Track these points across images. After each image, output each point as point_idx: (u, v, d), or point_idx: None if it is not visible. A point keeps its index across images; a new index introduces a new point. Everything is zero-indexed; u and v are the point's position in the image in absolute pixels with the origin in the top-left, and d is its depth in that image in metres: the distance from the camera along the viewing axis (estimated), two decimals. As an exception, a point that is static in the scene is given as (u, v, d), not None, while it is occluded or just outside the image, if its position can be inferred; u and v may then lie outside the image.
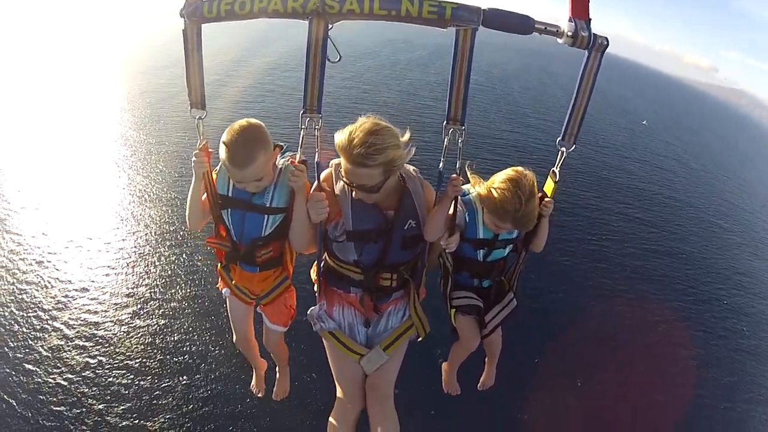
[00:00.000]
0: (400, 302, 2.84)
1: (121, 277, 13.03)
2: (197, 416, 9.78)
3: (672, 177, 29.62)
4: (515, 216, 2.39)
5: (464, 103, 2.23)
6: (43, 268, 12.98)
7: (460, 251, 2.74)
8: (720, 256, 19.94)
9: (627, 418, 11.21)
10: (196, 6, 2.12)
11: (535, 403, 10.84)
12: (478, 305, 2.88)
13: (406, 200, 2.54)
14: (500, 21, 2.07)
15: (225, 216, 2.64)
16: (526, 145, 26.77)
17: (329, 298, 2.84)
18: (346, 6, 2.02)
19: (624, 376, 12.22)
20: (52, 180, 17.34)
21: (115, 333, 11.38)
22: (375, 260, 2.60)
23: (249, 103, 26.31)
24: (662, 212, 22.94)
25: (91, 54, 36.51)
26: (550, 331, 12.81)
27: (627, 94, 68.97)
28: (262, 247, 2.70)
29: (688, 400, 12.04)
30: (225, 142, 2.26)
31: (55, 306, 11.85)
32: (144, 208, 16.11)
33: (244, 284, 2.94)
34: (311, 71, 2.19)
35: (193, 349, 11.17)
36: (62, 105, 24.86)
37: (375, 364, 2.64)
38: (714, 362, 13.54)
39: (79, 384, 10.08)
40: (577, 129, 2.35)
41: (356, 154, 2.18)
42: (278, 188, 2.54)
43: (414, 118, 25.14)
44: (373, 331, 2.80)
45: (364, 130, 2.21)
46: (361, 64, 39.95)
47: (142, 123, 23.21)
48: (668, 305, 15.27)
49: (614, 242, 18.45)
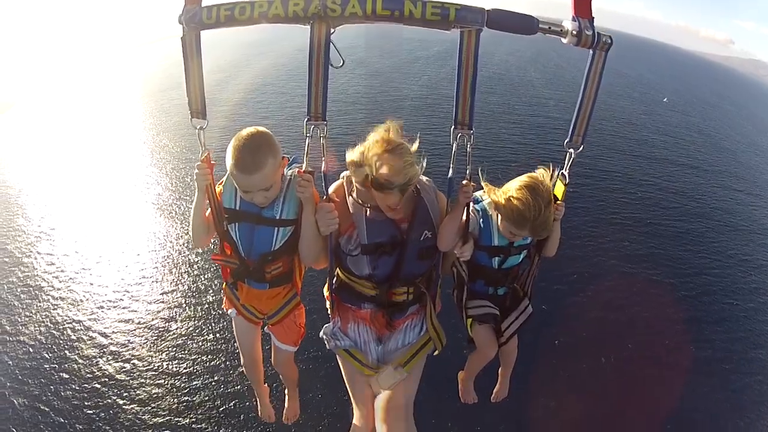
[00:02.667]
0: (416, 317, 2.77)
1: (153, 286, 13.44)
2: (226, 411, 10.08)
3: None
4: (533, 224, 2.37)
5: (471, 107, 2.19)
6: (76, 284, 13.45)
7: (475, 259, 2.70)
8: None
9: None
10: (195, 12, 2.08)
11: (557, 411, 10.76)
12: (494, 313, 2.85)
13: (421, 210, 2.51)
14: (504, 22, 2.03)
15: (232, 231, 2.55)
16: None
17: (343, 315, 2.78)
18: (348, 8, 1.97)
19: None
20: (80, 199, 17.83)
21: (147, 338, 11.76)
22: (390, 273, 2.54)
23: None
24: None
25: (114, 74, 37.16)
26: (571, 333, 12.69)
27: (646, 73, 67.24)
28: (272, 261, 2.61)
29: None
30: (233, 148, 2.21)
31: (89, 317, 12.28)
32: (172, 221, 16.50)
33: (251, 303, 2.85)
34: (314, 77, 2.12)
35: (223, 348, 11.47)
36: (88, 124, 25.36)
37: (393, 382, 2.54)
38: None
39: (113, 388, 10.49)
40: (584, 129, 2.31)
41: (373, 180, 2.18)
42: (288, 199, 2.46)
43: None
44: (386, 347, 2.72)
45: (378, 152, 2.20)
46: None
47: (166, 138, 23.44)
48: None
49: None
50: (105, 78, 36.02)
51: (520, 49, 60.74)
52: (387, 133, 2.28)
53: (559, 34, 2.08)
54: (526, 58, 57.13)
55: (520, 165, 2.70)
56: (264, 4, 2.01)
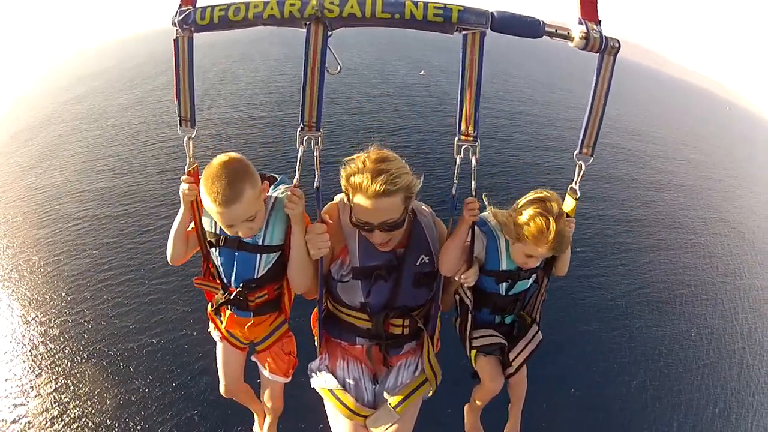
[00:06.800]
0: (412, 355, 2.57)
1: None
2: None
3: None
4: (550, 238, 2.19)
5: (476, 115, 2.04)
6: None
7: (481, 285, 2.51)
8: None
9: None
10: (189, 13, 2.01)
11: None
12: (501, 343, 2.62)
13: (418, 234, 2.35)
14: (509, 24, 1.95)
15: (213, 255, 2.38)
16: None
17: (332, 352, 2.57)
18: (347, 9, 1.89)
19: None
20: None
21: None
22: (384, 301, 2.35)
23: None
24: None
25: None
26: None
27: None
28: (255, 290, 2.43)
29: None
30: (205, 182, 2.03)
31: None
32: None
33: (235, 330, 2.65)
34: (309, 84, 1.99)
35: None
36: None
37: (384, 424, 2.34)
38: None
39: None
40: (594, 139, 2.19)
41: (377, 183, 2.02)
42: (272, 224, 2.29)
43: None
44: (382, 387, 2.50)
45: (373, 159, 2.09)
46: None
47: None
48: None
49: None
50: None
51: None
52: (375, 147, 2.16)
53: (565, 37, 2.00)
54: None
55: (527, 182, 2.56)
56: (259, 5, 1.93)
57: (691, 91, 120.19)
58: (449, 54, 42.78)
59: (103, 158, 21.37)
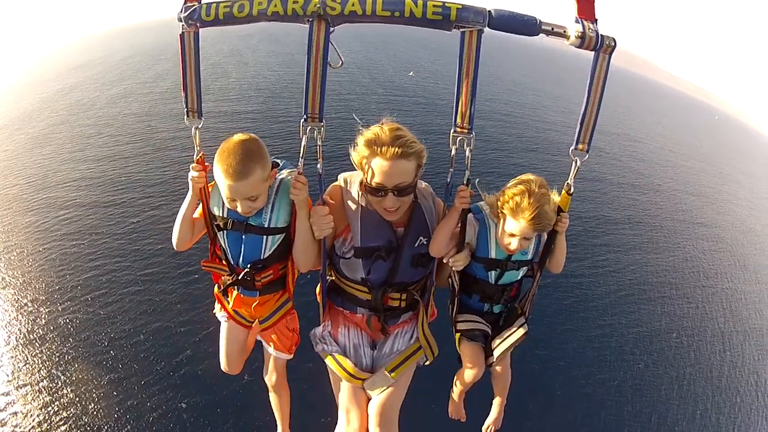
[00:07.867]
0: (408, 324, 2.74)
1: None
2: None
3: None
4: (527, 212, 2.28)
5: (471, 109, 2.14)
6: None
7: (471, 271, 2.63)
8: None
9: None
10: (195, 9, 2.07)
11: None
12: (485, 330, 2.73)
13: (417, 216, 2.47)
14: (506, 22, 2.01)
15: (220, 238, 2.51)
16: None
17: (334, 319, 2.73)
18: (348, 6, 1.95)
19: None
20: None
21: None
22: (384, 278, 2.51)
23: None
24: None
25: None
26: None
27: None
28: (262, 270, 2.56)
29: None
30: (220, 153, 2.18)
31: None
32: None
33: (242, 309, 2.79)
34: (312, 78, 2.09)
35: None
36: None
37: (379, 387, 2.49)
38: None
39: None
40: (590, 135, 2.25)
41: (396, 146, 2.16)
42: (277, 207, 2.41)
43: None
44: (380, 353, 2.67)
45: (390, 128, 2.24)
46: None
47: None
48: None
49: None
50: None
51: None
52: (384, 132, 2.24)
53: (562, 35, 2.05)
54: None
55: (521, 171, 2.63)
56: (263, 2, 1.99)
57: (678, 98, 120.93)
58: (440, 54, 43.02)
59: (91, 148, 21.22)
